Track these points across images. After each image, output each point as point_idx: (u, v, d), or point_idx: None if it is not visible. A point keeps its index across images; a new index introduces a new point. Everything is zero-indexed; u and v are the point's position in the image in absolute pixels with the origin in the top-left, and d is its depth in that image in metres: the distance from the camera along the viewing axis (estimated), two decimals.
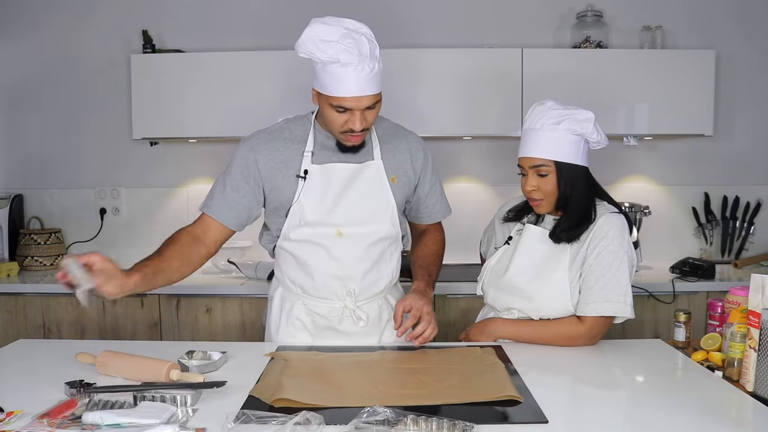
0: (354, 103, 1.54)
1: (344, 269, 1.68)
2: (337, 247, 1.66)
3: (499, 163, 3.09)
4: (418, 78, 2.78)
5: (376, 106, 1.59)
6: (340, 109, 1.56)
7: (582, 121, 1.62)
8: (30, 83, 3.14)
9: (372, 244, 1.69)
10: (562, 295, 1.63)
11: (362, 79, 1.52)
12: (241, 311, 2.63)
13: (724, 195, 3.13)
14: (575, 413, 1.27)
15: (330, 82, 1.54)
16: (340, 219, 1.66)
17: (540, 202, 1.68)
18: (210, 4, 3.08)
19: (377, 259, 1.71)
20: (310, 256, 1.68)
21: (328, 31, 1.51)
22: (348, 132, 1.59)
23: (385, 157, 1.72)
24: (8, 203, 3.02)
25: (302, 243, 1.68)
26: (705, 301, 2.10)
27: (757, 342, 1.38)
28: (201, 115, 2.80)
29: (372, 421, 1.09)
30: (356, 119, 1.57)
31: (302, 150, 1.68)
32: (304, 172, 1.65)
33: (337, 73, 1.52)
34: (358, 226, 1.67)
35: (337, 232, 1.65)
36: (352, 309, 1.71)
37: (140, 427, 1.10)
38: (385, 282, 1.75)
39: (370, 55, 1.52)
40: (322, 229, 1.66)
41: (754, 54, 3.08)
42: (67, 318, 2.65)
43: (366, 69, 1.52)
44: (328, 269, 1.68)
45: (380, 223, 1.69)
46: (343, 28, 1.51)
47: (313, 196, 1.65)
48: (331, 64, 1.51)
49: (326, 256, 1.67)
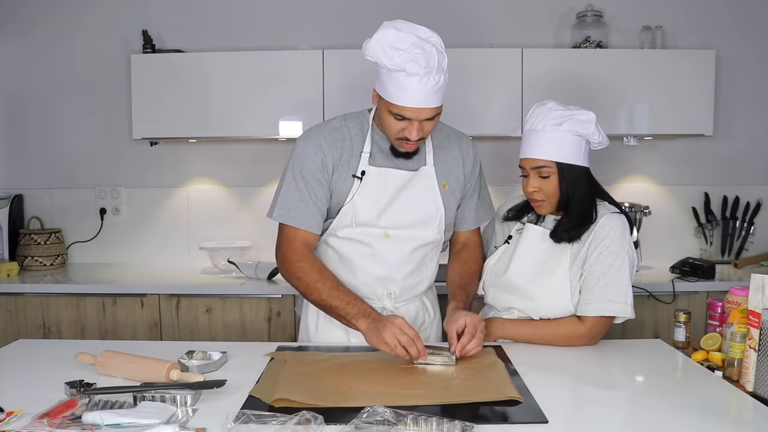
0: (414, 114, 1.52)
1: (387, 270, 1.68)
2: (382, 248, 1.67)
3: (500, 164, 3.08)
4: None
5: (435, 117, 1.57)
6: (399, 117, 1.54)
7: (584, 121, 1.62)
8: (30, 83, 3.14)
9: (416, 248, 1.69)
10: (563, 295, 1.63)
11: (426, 91, 1.50)
12: (241, 311, 2.63)
13: (724, 195, 3.13)
14: (575, 413, 1.27)
15: (393, 89, 1.51)
16: (388, 222, 1.66)
17: (542, 203, 1.68)
18: (210, 4, 3.08)
19: (419, 263, 1.71)
20: (355, 254, 1.68)
21: (399, 38, 1.48)
22: (403, 139, 1.58)
23: (438, 163, 1.71)
24: (8, 203, 3.02)
25: (349, 241, 1.68)
26: (705, 301, 2.11)
27: (757, 342, 1.38)
28: (201, 115, 2.80)
29: (372, 421, 1.09)
30: (413, 129, 1.55)
31: (360, 150, 1.67)
32: (361, 173, 1.65)
33: (401, 82, 1.49)
34: (405, 230, 1.67)
35: (385, 234, 1.66)
36: (391, 310, 1.71)
37: (140, 427, 1.10)
38: (424, 285, 1.76)
39: (437, 67, 1.49)
40: (370, 230, 1.66)
41: (754, 54, 3.08)
42: (67, 318, 2.65)
43: (431, 81, 1.49)
44: (372, 269, 1.68)
45: (427, 230, 1.69)
46: (415, 36, 1.48)
47: (367, 198, 1.65)
48: (397, 71, 1.49)
49: (371, 255, 1.67)
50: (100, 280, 2.80)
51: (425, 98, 1.50)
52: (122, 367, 1.39)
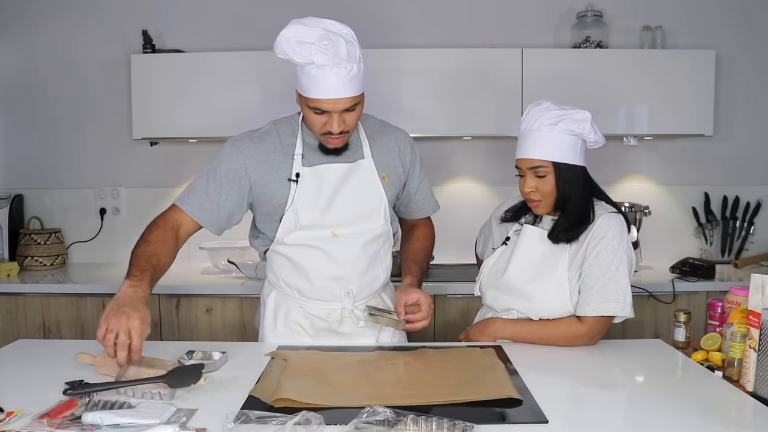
0: (331, 106, 1.53)
1: (342, 270, 1.67)
2: (333, 249, 1.66)
3: (499, 163, 3.09)
4: (417, 78, 2.78)
5: (356, 108, 1.57)
6: (318, 111, 1.55)
7: (579, 121, 1.62)
8: (30, 83, 3.14)
9: (367, 243, 1.69)
10: (562, 296, 1.63)
11: (339, 81, 1.50)
12: (241, 311, 2.63)
13: (724, 195, 3.13)
14: (575, 413, 1.26)
15: (307, 84, 1.52)
16: (334, 220, 1.65)
17: (538, 203, 1.68)
18: (210, 4, 3.08)
19: (372, 258, 1.71)
20: (306, 259, 1.67)
21: (306, 33, 1.48)
22: (327, 134, 1.58)
23: (375, 155, 1.72)
24: (8, 203, 3.02)
25: (298, 246, 1.67)
26: (705, 301, 2.10)
27: (757, 342, 1.38)
28: (201, 115, 2.80)
29: (372, 421, 1.09)
30: (334, 121, 1.55)
31: (292, 153, 1.66)
32: (295, 176, 1.64)
33: (313, 75, 1.50)
34: (352, 226, 1.67)
35: (332, 233, 1.65)
36: (351, 309, 1.70)
37: (140, 427, 1.10)
38: (381, 280, 1.76)
39: (347, 57, 1.49)
40: (317, 232, 1.65)
41: (754, 54, 3.08)
42: (67, 318, 2.65)
43: (343, 71, 1.49)
44: (326, 271, 1.67)
45: (374, 222, 1.69)
46: (322, 29, 1.48)
47: (307, 199, 1.65)
48: (308, 65, 1.50)
49: (323, 258, 1.66)
50: (100, 280, 2.80)
51: (339, 88, 1.50)
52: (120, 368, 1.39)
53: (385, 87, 2.72)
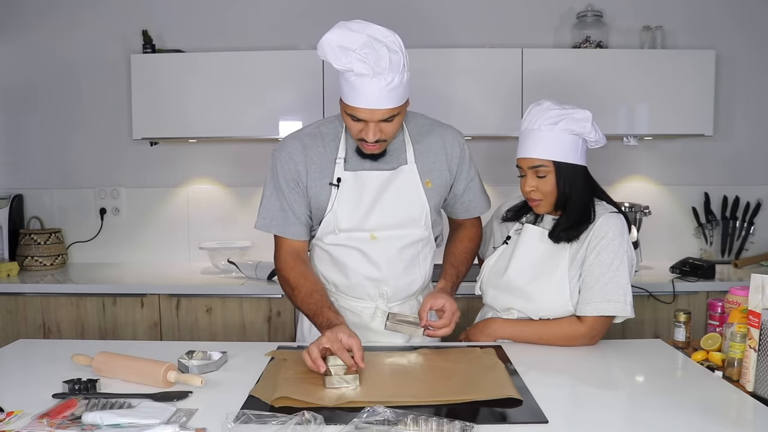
0: (368, 115, 1.50)
1: (378, 272, 1.68)
2: (370, 250, 1.66)
3: (499, 163, 3.09)
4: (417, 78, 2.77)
5: (394, 119, 1.53)
6: (355, 119, 1.52)
7: (579, 120, 1.62)
8: (30, 83, 3.14)
9: (405, 247, 1.68)
10: (562, 295, 1.63)
11: (378, 92, 1.46)
12: (241, 311, 2.63)
13: (724, 195, 3.13)
14: (575, 413, 1.26)
15: (346, 90, 1.50)
16: (374, 224, 1.65)
17: (539, 203, 1.68)
18: (210, 4, 3.08)
19: (410, 262, 1.71)
20: (345, 257, 1.69)
21: (350, 38, 1.43)
22: (362, 140, 1.57)
23: (419, 159, 1.68)
24: (8, 203, 3.02)
25: (337, 246, 1.68)
26: (705, 301, 2.10)
27: (757, 342, 1.38)
28: (201, 115, 2.80)
29: (372, 421, 1.09)
30: (369, 131, 1.53)
31: (335, 157, 1.65)
32: (337, 180, 1.63)
33: (352, 82, 1.47)
34: (391, 231, 1.66)
35: (371, 235, 1.65)
36: (384, 310, 1.70)
37: (140, 427, 1.10)
38: (418, 284, 1.75)
39: (389, 67, 1.44)
40: (356, 234, 1.66)
41: (754, 54, 3.08)
42: (67, 318, 2.65)
43: (383, 82, 1.45)
44: (363, 270, 1.68)
45: (414, 228, 1.68)
46: (367, 36, 1.43)
47: (347, 205, 1.64)
48: (347, 72, 1.46)
49: (361, 257, 1.67)
50: (100, 280, 2.80)
51: (377, 99, 1.47)
52: (119, 369, 1.39)
53: None
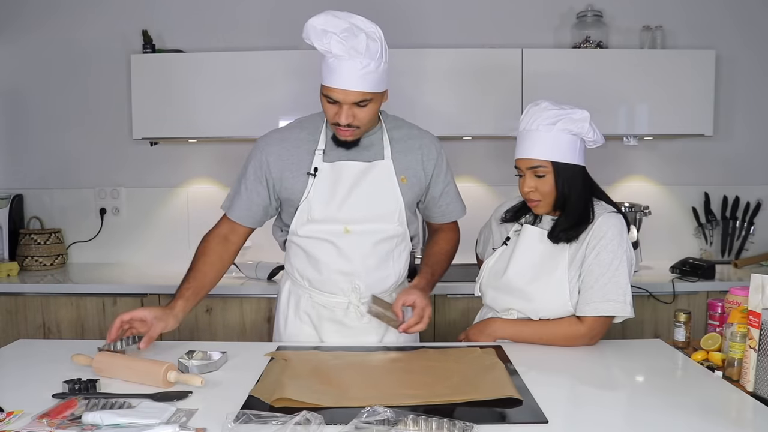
0: (341, 96, 1.56)
1: (351, 265, 1.69)
2: (343, 244, 1.68)
3: (499, 163, 3.09)
4: (418, 78, 2.78)
5: (368, 104, 1.59)
6: (330, 100, 1.59)
7: (577, 120, 1.62)
8: (30, 83, 3.14)
9: (379, 242, 1.70)
10: (562, 296, 1.63)
11: (352, 74, 1.54)
12: (241, 311, 2.63)
13: (724, 195, 3.13)
14: (575, 413, 1.26)
15: (324, 71, 1.58)
16: (347, 216, 1.68)
17: (538, 203, 1.68)
18: (210, 4, 3.08)
19: (384, 257, 1.72)
20: (318, 251, 1.71)
21: (333, 23, 1.53)
22: (336, 124, 1.62)
23: (396, 156, 1.72)
24: (8, 203, 3.02)
25: (310, 239, 1.70)
26: (705, 301, 2.10)
27: (757, 342, 1.38)
28: (201, 115, 2.80)
29: (372, 421, 1.09)
30: (342, 113, 1.58)
31: (314, 148, 1.70)
32: (314, 170, 1.68)
33: (329, 64, 1.56)
34: (365, 224, 1.68)
35: (345, 229, 1.68)
36: (357, 305, 1.71)
37: (140, 427, 1.10)
38: (391, 280, 1.76)
39: (365, 51, 1.53)
40: (329, 226, 1.68)
41: (754, 54, 3.08)
42: (67, 318, 2.65)
43: (358, 65, 1.53)
44: (336, 264, 1.70)
45: (387, 222, 1.70)
46: (349, 23, 1.53)
47: (322, 194, 1.68)
48: (327, 54, 1.55)
49: (334, 251, 1.69)
50: (100, 280, 2.80)
51: (351, 81, 1.54)
52: (119, 369, 1.39)
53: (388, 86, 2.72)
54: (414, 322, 1.62)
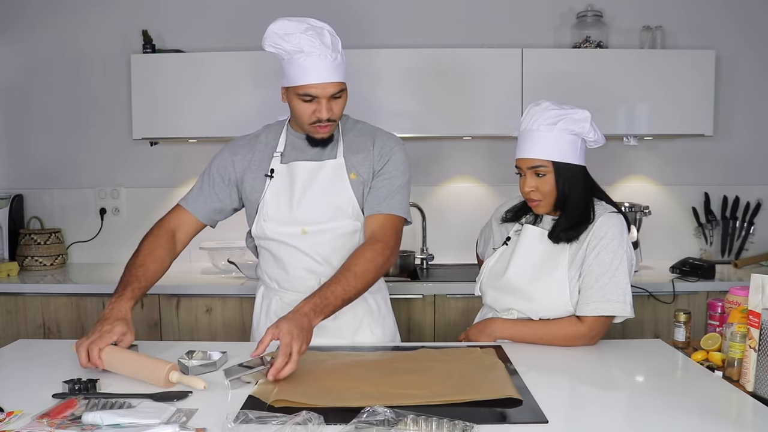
0: (320, 91, 1.60)
1: (316, 264, 1.71)
2: (304, 245, 1.71)
3: (499, 163, 3.09)
4: (418, 78, 2.78)
5: (341, 95, 1.64)
6: (307, 98, 1.61)
7: (578, 120, 1.62)
8: (30, 83, 3.14)
9: (337, 239, 1.71)
10: (562, 296, 1.63)
11: (326, 67, 1.59)
12: (241, 311, 2.63)
13: (724, 195, 3.13)
14: (575, 413, 1.26)
15: (295, 72, 1.61)
16: (303, 217, 1.70)
17: (538, 203, 1.68)
18: (210, 4, 3.08)
19: (346, 253, 1.66)
20: (282, 252, 1.73)
21: (292, 26, 1.60)
22: (316, 122, 1.64)
23: (347, 153, 1.74)
24: (8, 203, 3.02)
25: (274, 241, 1.73)
26: (705, 301, 2.11)
27: (757, 342, 1.38)
28: (201, 115, 2.80)
29: (372, 421, 1.09)
30: (323, 107, 1.61)
31: (273, 152, 1.75)
32: (270, 171, 1.73)
33: (301, 63, 1.59)
34: (321, 224, 1.70)
35: (302, 230, 1.70)
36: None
37: (140, 427, 1.10)
38: None
39: (332, 46, 1.60)
40: (287, 228, 1.70)
41: (754, 54, 3.08)
42: (67, 318, 2.65)
43: (329, 58, 1.59)
44: (301, 263, 1.72)
45: (342, 219, 1.71)
46: (307, 24, 1.61)
47: (277, 194, 1.71)
48: (296, 53, 1.59)
49: (297, 253, 1.72)
50: (100, 280, 2.80)
51: (326, 73, 1.59)
52: (122, 365, 1.39)
53: (385, 87, 2.72)
54: (280, 365, 1.32)
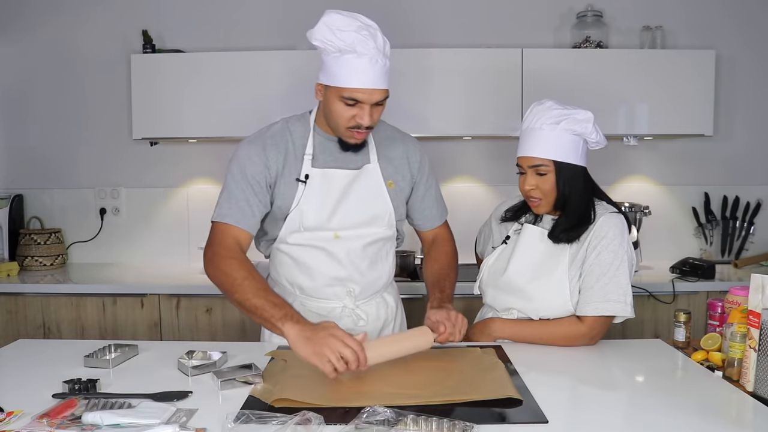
0: (366, 96, 1.52)
1: (344, 270, 1.68)
2: (335, 249, 1.66)
3: (499, 163, 3.09)
4: (418, 78, 2.78)
5: (383, 103, 1.58)
6: (351, 102, 1.53)
7: (581, 121, 1.62)
8: (30, 83, 3.14)
9: (368, 245, 1.69)
10: (562, 295, 1.63)
11: (376, 72, 1.51)
12: (241, 311, 2.62)
13: (724, 195, 3.13)
14: (575, 413, 1.26)
15: (343, 73, 1.51)
16: (338, 224, 1.66)
17: (538, 202, 1.68)
18: (210, 4, 3.08)
19: (374, 259, 1.71)
20: (309, 258, 1.68)
21: (345, 22, 1.49)
22: (354, 128, 1.56)
23: (382, 161, 1.71)
24: (8, 203, 3.02)
25: (301, 246, 1.67)
26: (705, 301, 2.10)
27: (757, 342, 1.38)
28: (201, 115, 2.80)
29: (372, 421, 1.09)
30: (365, 113, 1.54)
31: (302, 153, 1.65)
32: (305, 177, 1.64)
33: (352, 64, 1.49)
34: (355, 230, 1.67)
35: (335, 235, 1.66)
36: (352, 308, 1.71)
37: (140, 427, 1.10)
38: (383, 280, 1.76)
39: (383, 50, 1.52)
40: (320, 233, 1.65)
41: (754, 54, 3.08)
42: (67, 318, 2.65)
43: (380, 62, 1.51)
44: (328, 270, 1.68)
45: (377, 227, 1.69)
46: (359, 22, 1.51)
47: (314, 202, 1.64)
48: (348, 53, 1.49)
49: (325, 258, 1.67)
50: (100, 280, 2.80)
51: (376, 79, 1.51)
52: (385, 350, 1.40)
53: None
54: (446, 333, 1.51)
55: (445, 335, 1.51)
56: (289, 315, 1.39)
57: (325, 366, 1.28)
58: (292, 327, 1.36)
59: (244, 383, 1.34)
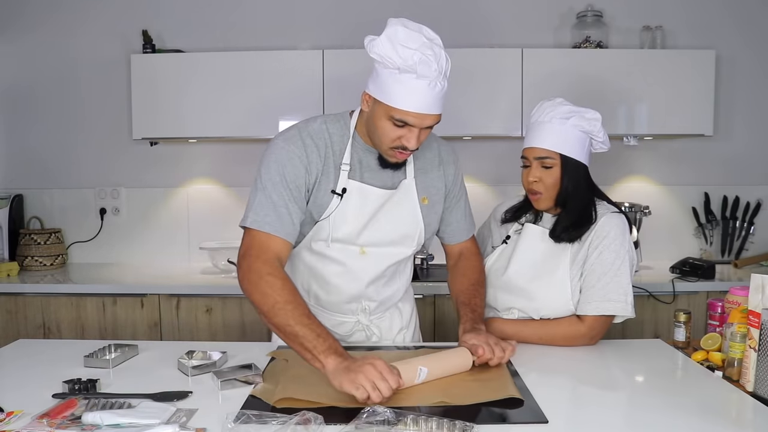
0: (418, 121, 1.41)
1: (361, 288, 1.62)
2: (357, 266, 1.58)
3: (499, 164, 3.09)
4: None
5: (432, 126, 1.47)
6: (400, 123, 1.41)
7: (590, 119, 1.63)
8: (30, 83, 3.14)
9: (393, 264, 1.63)
10: (563, 295, 1.63)
11: (433, 97, 1.40)
12: (241, 311, 2.63)
13: (724, 195, 3.13)
14: (575, 413, 1.26)
15: (398, 92, 1.39)
16: (366, 240, 1.57)
17: (540, 196, 1.68)
18: (210, 4, 3.08)
19: (391, 276, 1.67)
20: (328, 273, 1.60)
21: (409, 36, 1.38)
22: (399, 148, 1.46)
23: (418, 175, 1.62)
24: (8, 203, 3.02)
25: (323, 258, 1.58)
26: (705, 301, 2.10)
27: (757, 342, 1.38)
28: (201, 115, 2.80)
29: (372, 421, 1.09)
30: (413, 137, 1.43)
31: (339, 161, 1.53)
32: (341, 190, 1.52)
33: (409, 85, 1.38)
34: (382, 247, 1.59)
35: (361, 250, 1.57)
36: (366, 324, 1.69)
37: (140, 427, 1.10)
38: (399, 295, 1.73)
39: (444, 72, 1.41)
40: (347, 247, 1.57)
41: (754, 54, 3.08)
42: (67, 318, 2.65)
43: (438, 86, 1.40)
44: (346, 288, 1.61)
45: (405, 246, 1.62)
46: (423, 37, 1.39)
47: (347, 216, 1.54)
48: (407, 72, 1.37)
49: (345, 273, 1.59)
50: (100, 280, 2.80)
51: (431, 104, 1.40)
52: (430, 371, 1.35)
53: None
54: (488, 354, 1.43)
55: (484, 358, 1.43)
56: (332, 348, 1.29)
57: (357, 391, 1.19)
58: (333, 359, 1.27)
59: (244, 383, 1.34)
